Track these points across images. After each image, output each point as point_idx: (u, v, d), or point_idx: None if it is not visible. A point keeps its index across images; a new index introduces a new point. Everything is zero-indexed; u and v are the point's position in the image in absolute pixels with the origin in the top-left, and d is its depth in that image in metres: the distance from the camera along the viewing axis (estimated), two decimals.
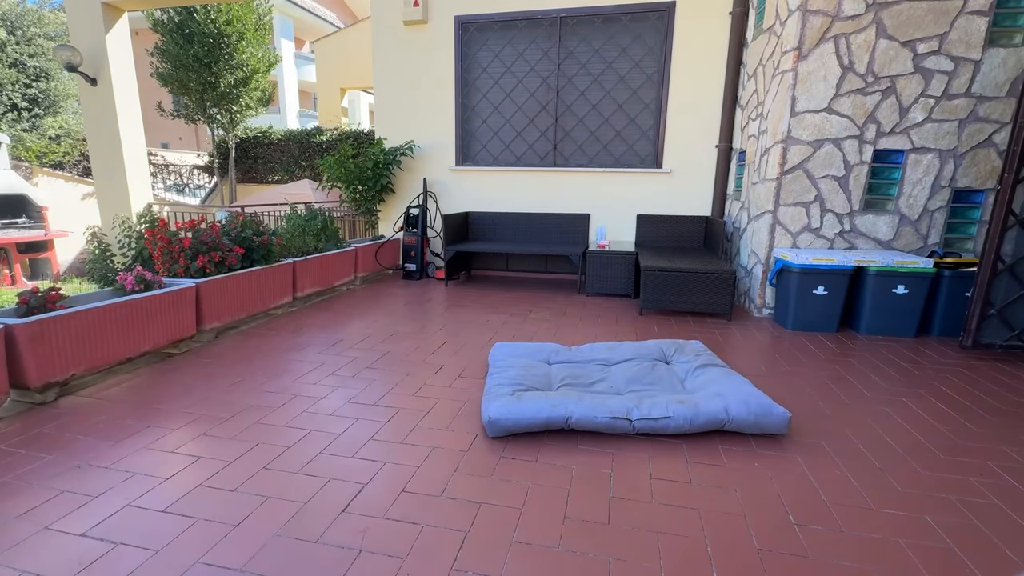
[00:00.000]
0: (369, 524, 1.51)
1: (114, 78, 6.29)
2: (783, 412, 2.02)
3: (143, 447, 1.94)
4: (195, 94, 11.18)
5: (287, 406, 2.30)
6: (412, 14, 5.27)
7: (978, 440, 2.07)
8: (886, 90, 3.43)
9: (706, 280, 3.77)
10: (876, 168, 3.57)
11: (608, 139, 5.18)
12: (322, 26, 18.81)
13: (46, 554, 1.39)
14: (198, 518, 1.53)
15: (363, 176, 5.51)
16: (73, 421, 2.14)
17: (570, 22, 5.04)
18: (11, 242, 7.80)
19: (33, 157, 11.03)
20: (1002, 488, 1.74)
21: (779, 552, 1.42)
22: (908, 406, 2.37)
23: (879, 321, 3.42)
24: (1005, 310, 2.95)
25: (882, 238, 3.65)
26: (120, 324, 2.60)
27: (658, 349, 2.74)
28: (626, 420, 2.00)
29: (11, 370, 2.20)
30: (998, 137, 3.38)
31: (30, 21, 12.50)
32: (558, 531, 1.49)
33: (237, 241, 3.54)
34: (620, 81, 5.04)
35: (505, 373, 2.39)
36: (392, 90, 5.62)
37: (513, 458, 1.89)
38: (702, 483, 1.75)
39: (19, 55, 12.18)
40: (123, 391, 2.46)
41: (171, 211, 8.52)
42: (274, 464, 1.83)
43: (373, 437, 2.03)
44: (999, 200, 2.86)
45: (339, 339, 3.28)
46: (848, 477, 1.80)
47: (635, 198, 5.14)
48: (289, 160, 12.01)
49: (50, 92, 12.58)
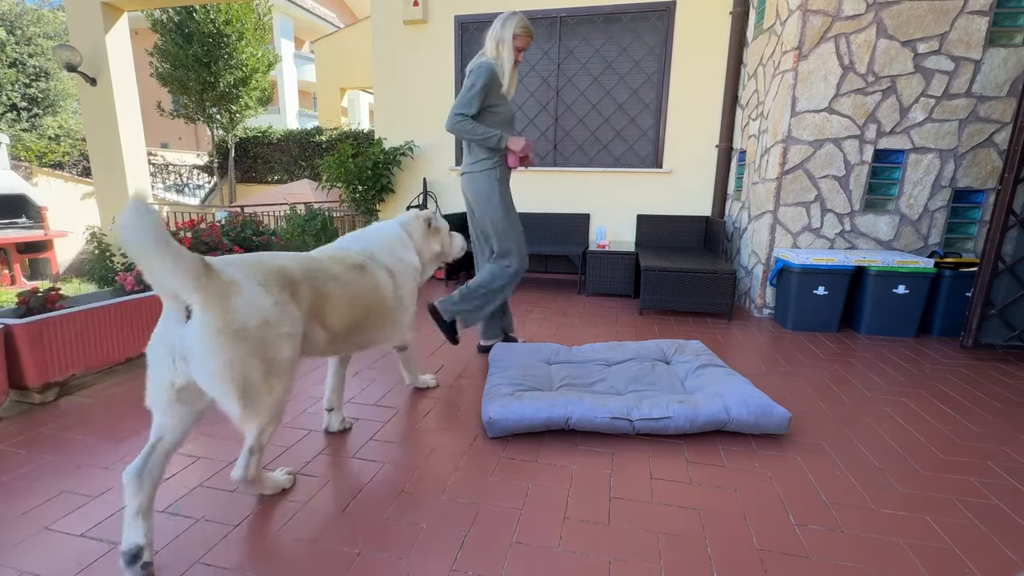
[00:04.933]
0: (369, 524, 1.51)
1: (114, 78, 6.29)
2: (783, 412, 2.02)
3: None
4: (195, 94, 11.19)
5: (287, 406, 2.30)
6: (412, 14, 5.27)
7: (978, 440, 2.07)
8: (886, 90, 3.43)
9: (706, 280, 3.77)
10: (876, 168, 3.57)
11: (608, 139, 5.18)
12: (322, 26, 18.80)
13: (46, 554, 1.38)
14: (198, 518, 1.53)
15: (363, 176, 5.51)
16: (73, 421, 2.14)
17: (570, 22, 5.04)
18: (11, 242, 7.80)
19: (33, 157, 11.03)
20: (1002, 488, 1.74)
21: (779, 552, 1.42)
22: (908, 406, 2.37)
23: (879, 321, 3.42)
24: (1006, 310, 2.95)
25: (882, 238, 3.65)
26: (120, 324, 2.60)
27: (658, 349, 2.74)
28: (626, 420, 2.00)
29: (11, 370, 2.20)
30: (998, 137, 3.38)
31: (30, 21, 12.51)
32: (558, 531, 1.49)
33: (237, 241, 3.54)
34: (620, 81, 5.04)
35: (505, 373, 2.39)
36: (392, 90, 5.62)
37: (513, 458, 1.89)
38: (702, 483, 1.75)
39: (19, 55, 12.18)
40: (123, 391, 2.46)
41: (171, 211, 8.53)
42: (274, 464, 1.83)
43: (373, 437, 2.03)
44: (999, 200, 2.86)
45: None
46: (848, 477, 1.80)
47: (635, 198, 5.14)
48: (289, 160, 12.01)
49: (50, 92, 12.58)
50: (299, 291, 1.55)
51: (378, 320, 1.90)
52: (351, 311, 1.76)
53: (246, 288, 1.38)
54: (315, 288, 1.62)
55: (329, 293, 1.67)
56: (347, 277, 1.77)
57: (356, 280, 1.80)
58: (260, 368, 1.38)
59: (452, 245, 2.40)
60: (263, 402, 1.41)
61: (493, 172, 2.73)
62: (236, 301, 1.35)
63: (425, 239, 2.22)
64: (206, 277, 1.29)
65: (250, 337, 1.36)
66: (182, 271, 1.24)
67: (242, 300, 1.36)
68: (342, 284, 1.73)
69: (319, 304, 1.63)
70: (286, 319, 1.46)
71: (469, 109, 2.55)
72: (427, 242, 2.23)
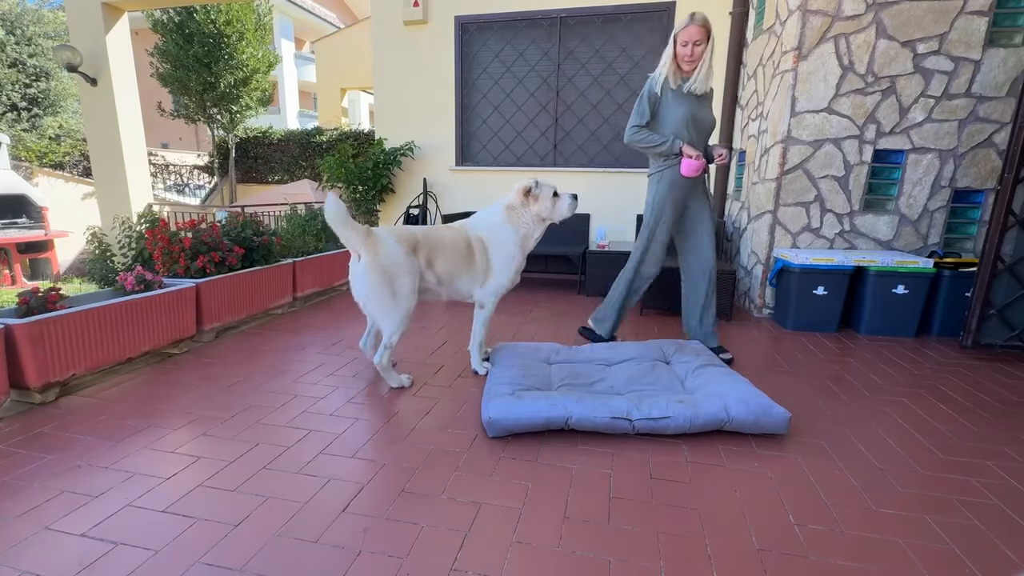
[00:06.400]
0: (369, 524, 1.51)
1: (114, 78, 6.29)
2: (783, 412, 2.02)
3: (143, 447, 1.94)
4: (195, 94, 11.19)
5: (287, 406, 2.30)
6: (412, 14, 5.27)
7: (978, 440, 2.07)
8: (886, 90, 3.43)
9: None
10: (876, 168, 3.57)
11: (608, 139, 5.19)
12: (322, 26, 18.81)
13: (46, 554, 1.39)
14: (198, 518, 1.53)
15: (363, 176, 5.51)
16: (73, 421, 2.14)
17: (570, 22, 5.05)
18: (11, 242, 7.80)
19: (33, 157, 11.03)
20: (1002, 488, 1.74)
21: (779, 552, 1.42)
22: (908, 406, 2.37)
23: (879, 321, 3.42)
24: (1005, 310, 2.95)
25: (882, 238, 3.65)
26: (120, 324, 2.61)
27: (658, 349, 2.74)
28: (626, 420, 2.00)
29: (11, 370, 2.20)
30: (998, 137, 3.38)
31: (30, 21, 12.51)
32: (558, 531, 1.49)
33: (237, 241, 3.54)
34: (620, 81, 5.04)
35: (505, 373, 2.39)
36: (392, 90, 5.62)
37: (513, 458, 1.89)
38: (702, 483, 1.75)
39: (19, 55, 12.18)
40: (123, 391, 2.46)
41: (171, 211, 8.53)
42: (274, 464, 1.83)
43: (373, 437, 2.03)
44: (999, 200, 2.86)
45: (339, 339, 3.28)
46: (848, 477, 1.80)
47: (635, 198, 5.14)
48: (289, 160, 12.02)
49: (50, 92, 12.58)
50: (419, 247, 2.44)
51: (466, 274, 2.57)
52: (450, 263, 2.51)
53: (387, 242, 2.35)
54: (430, 246, 2.47)
55: (437, 250, 2.49)
56: (450, 240, 2.53)
57: (455, 242, 2.54)
58: (389, 292, 2.34)
59: (555, 209, 2.63)
60: (391, 315, 2.37)
61: (654, 177, 2.88)
62: (380, 250, 2.32)
63: (522, 207, 2.61)
64: (367, 237, 2.32)
65: (385, 271, 2.32)
66: (355, 234, 2.29)
67: (383, 250, 2.33)
68: (446, 244, 2.52)
69: (431, 256, 2.47)
70: (407, 263, 2.37)
71: (637, 119, 2.76)
72: (523, 209, 2.61)
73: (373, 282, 2.30)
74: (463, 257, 2.54)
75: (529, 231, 2.64)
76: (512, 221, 2.60)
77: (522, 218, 2.61)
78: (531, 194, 2.60)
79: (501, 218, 2.61)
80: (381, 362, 2.43)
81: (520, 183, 2.59)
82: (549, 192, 2.62)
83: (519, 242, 2.62)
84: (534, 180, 2.61)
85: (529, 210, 2.61)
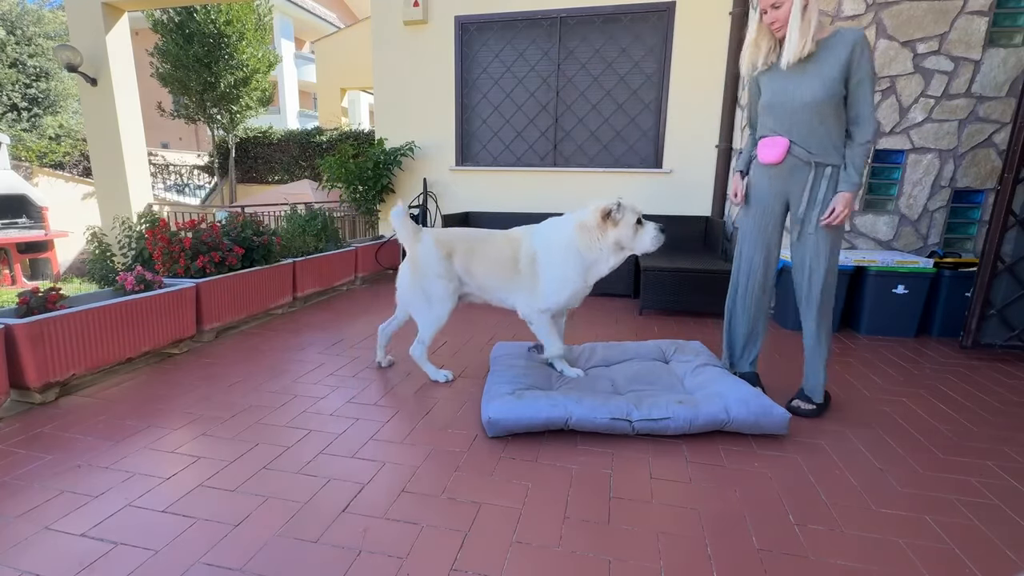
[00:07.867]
0: (369, 524, 1.51)
1: (114, 78, 6.29)
2: (783, 412, 2.02)
3: (143, 447, 1.94)
4: (195, 94, 11.18)
5: (287, 406, 2.30)
6: (412, 14, 5.27)
7: (978, 440, 2.07)
8: (886, 90, 3.43)
9: (706, 280, 3.77)
10: (876, 168, 3.57)
11: (608, 139, 5.18)
12: (322, 26, 18.82)
13: (46, 554, 1.39)
14: (198, 518, 1.53)
15: (363, 176, 5.51)
16: (73, 421, 2.14)
17: (570, 22, 5.04)
18: (11, 242, 7.80)
19: (33, 157, 11.03)
20: (1002, 488, 1.74)
21: (779, 552, 1.42)
22: (908, 406, 2.37)
23: (879, 321, 3.42)
24: (1005, 310, 2.95)
25: (882, 238, 3.65)
26: (120, 324, 2.61)
27: (657, 349, 2.74)
28: (626, 421, 2.00)
29: (11, 370, 2.20)
30: (998, 137, 3.38)
31: (30, 21, 12.49)
32: (558, 531, 1.49)
33: (237, 241, 3.54)
34: (620, 81, 5.04)
35: (505, 373, 2.39)
36: (392, 90, 5.62)
37: (513, 458, 1.89)
38: (702, 483, 1.75)
39: (19, 55, 12.17)
40: (123, 391, 2.46)
41: (171, 211, 8.53)
42: (274, 464, 1.83)
43: (373, 437, 2.03)
44: (999, 200, 2.86)
45: (339, 339, 3.28)
46: (848, 477, 1.80)
47: (635, 198, 5.12)
48: (289, 160, 12.01)
49: (50, 92, 12.57)
50: (455, 252, 2.43)
51: (507, 285, 2.45)
52: (489, 272, 2.44)
53: (426, 244, 2.42)
54: (469, 252, 2.44)
55: (477, 257, 2.44)
56: (494, 248, 2.45)
57: (500, 251, 2.44)
58: (422, 292, 2.43)
59: (636, 239, 2.26)
60: (423, 314, 2.47)
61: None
62: (419, 248, 2.42)
63: (598, 230, 2.28)
64: (415, 236, 2.44)
65: (418, 271, 2.42)
66: (407, 232, 2.44)
67: (421, 249, 2.42)
68: (488, 252, 2.44)
69: (469, 262, 2.44)
70: (440, 267, 2.40)
71: (750, 112, 2.30)
72: (599, 232, 2.28)
73: (409, 280, 2.47)
74: (504, 267, 2.39)
75: (601, 258, 2.31)
76: (582, 243, 2.28)
77: (596, 243, 2.28)
78: (611, 217, 2.24)
79: (568, 238, 2.31)
80: (416, 355, 2.56)
81: (599, 202, 2.25)
82: (633, 219, 2.26)
83: (582, 269, 2.32)
84: (616, 201, 2.24)
85: (606, 235, 2.26)
